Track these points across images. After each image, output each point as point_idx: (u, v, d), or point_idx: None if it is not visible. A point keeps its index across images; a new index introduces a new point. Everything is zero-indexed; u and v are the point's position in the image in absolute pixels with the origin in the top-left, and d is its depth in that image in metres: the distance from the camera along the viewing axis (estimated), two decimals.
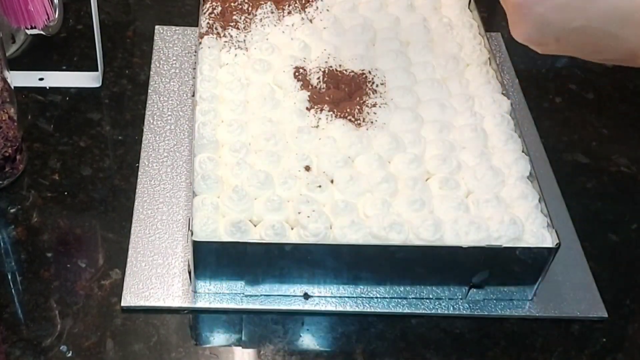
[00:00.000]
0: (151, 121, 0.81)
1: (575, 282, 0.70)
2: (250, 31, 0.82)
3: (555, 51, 0.57)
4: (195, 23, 0.89)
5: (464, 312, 0.67)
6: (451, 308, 0.67)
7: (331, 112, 0.74)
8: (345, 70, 0.78)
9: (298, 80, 0.77)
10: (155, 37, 0.91)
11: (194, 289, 0.66)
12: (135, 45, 0.91)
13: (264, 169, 0.68)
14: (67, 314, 0.64)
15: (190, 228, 0.62)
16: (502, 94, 0.78)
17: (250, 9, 0.84)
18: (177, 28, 0.92)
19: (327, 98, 0.75)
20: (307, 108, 0.74)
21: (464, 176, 0.70)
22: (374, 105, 0.75)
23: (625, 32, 0.51)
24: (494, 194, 0.68)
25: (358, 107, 0.74)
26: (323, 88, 0.76)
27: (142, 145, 0.78)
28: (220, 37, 0.81)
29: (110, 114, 0.83)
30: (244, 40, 0.81)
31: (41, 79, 0.85)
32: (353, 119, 0.73)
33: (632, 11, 0.50)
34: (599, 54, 0.56)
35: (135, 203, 0.72)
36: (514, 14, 0.55)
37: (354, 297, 0.67)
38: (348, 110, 0.74)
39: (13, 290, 0.66)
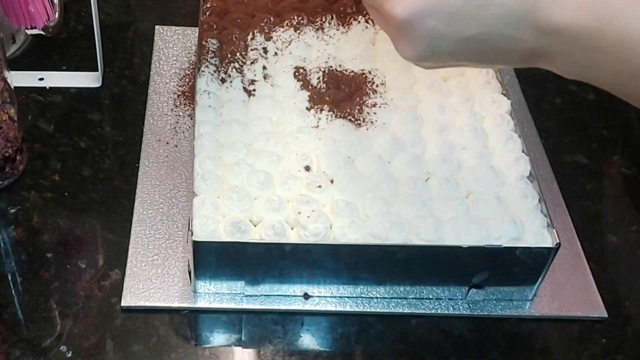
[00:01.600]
0: (151, 121, 0.81)
1: (575, 283, 0.70)
2: (250, 31, 0.82)
3: (449, 65, 0.53)
4: (195, 23, 0.89)
5: (464, 312, 0.67)
6: (451, 308, 0.67)
7: (331, 112, 0.74)
8: (345, 70, 0.78)
9: (298, 80, 0.77)
10: (155, 37, 0.91)
11: (194, 289, 0.66)
12: (135, 45, 0.91)
13: (264, 169, 0.68)
14: (67, 315, 0.64)
15: (190, 228, 0.62)
16: (502, 94, 0.78)
17: (251, 10, 0.84)
18: (177, 28, 0.92)
19: (327, 98, 0.75)
20: (307, 108, 0.74)
21: (464, 176, 0.70)
22: (374, 105, 0.75)
23: (522, 33, 0.49)
24: (494, 194, 0.68)
25: (358, 107, 0.74)
26: (323, 88, 0.76)
27: (142, 145, 0.78)
28: (220, 36, 0.81)
29: (110, 114, 0.83)
30: (244, 40, 0.81)
31: (41, 79, 0.85)
32: (353, 119, 0.73)
33: (527, 11, 0.48)
34: (497, 60, 0.52)
35: (135, 203, 0.72)
36: (399, 31, 0.51)
37: (354, 297, 0.67)
38: (348, 110, 0.74)
39: (13, 291, 0.66)
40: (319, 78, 0.77)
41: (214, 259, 0.63)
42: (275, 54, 0.79)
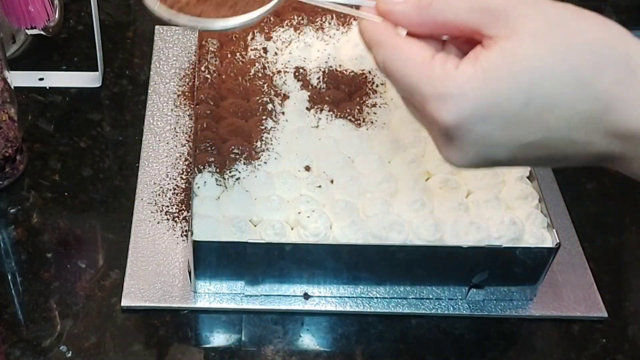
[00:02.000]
0: (151, 121, 0.81)
1: (575, 283, 0.70)
2: (250, 31, 0.82)
3: (504, 166, 0.47)
4: None
5: (464, 312, 0.67)
6: (451, 308, 0.67)
7: (331, 112, 0.74)
8: (345, 70, 0.78)
9: (298, 80, 0.77)
10: (155, 38, 0.91)
11: (194, 289, 0.66)
12: (135, 45, 0.91)
13: (264, 169, 0.68)
14: (67, 315, 0.64)
15: (190, 228, 0.62)
16: None
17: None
18: (177, 28, 0.92)
19: (327, 98, 0.75)
20: (307, 108, 0.74)
21: (464, 176, 0.70)
22: (374, 105, 0.75)
23: (592, 137, 0.42)
24: (494, 194, 0.68)
25: (358, 107, 0.74)
26: (323, 88, 0.76)
27: (142, 145, 0.78)
28: (220, 36, 0.81)
29: (110, 114, 0.83)
30: (244, 40, 0.81)
31: (41, 79, 0.85)
32: (353, 119, 0.73)
33: (598, 114, 0.41)
34: (560, 164, 0.46)
35: (135, 203, 0.72)
36: (445, 137, 0.44)
37: (354, 297, 0.67)
38: (348, 110, 0.74)
39: (13, 291, 0.66)
40: (319, 78, 0.77)
41: (214, 259, 0.63)
42: (275, 54, 0.79)
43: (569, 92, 0.41)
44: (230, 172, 0.68)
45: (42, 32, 0.84)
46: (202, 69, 0.77)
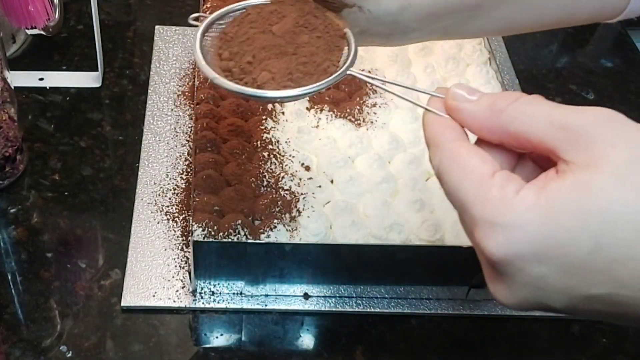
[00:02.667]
0: (151, 121, 0.81)
1: None
2: None
3: (562, 314, 0.40)
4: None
5: (464, 312, 0.67)
6: (451, 308, 0.67)
7: (331, 112, 0.74)
8: None
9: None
10: (155, 37, 0.91)
11: (194, 289, 0.66)
12: (135, 45, 0.91)
13: (264, 169, 0.68)
14: (67, 314, 0.64)
15: (190, 228, 0.62)
16: None
17: None
18: (177, 28, 0.92)
19: (327, 98, 0.75)
20: (307, 108, 0.74)
21: None
22: (374, 105, 0.75)
23: None
24: None
25: (358, 107, 0.74)
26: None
27: (142, 145, 0.78)
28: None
29: (110, 114, 0.83)
30: None
31: (41, 79, 0.85)
32: (353, 119, 0.73)
33: None
34: (633, 324, 0.39)
35: (135, 203, 0.72)
36: (493, 270, 0.39)
37: (354, 297, 0.67)
38: (348, 110, 0.74)
39: (13, 291, 0.66)
40: None
41: (214, 259, 0.63)
42: None
43: None
44: (230, 172, 0.68)
45: (42, 32, 0.84)
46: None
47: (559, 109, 0.37)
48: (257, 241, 0.62)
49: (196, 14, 0.53)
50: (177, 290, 0.66)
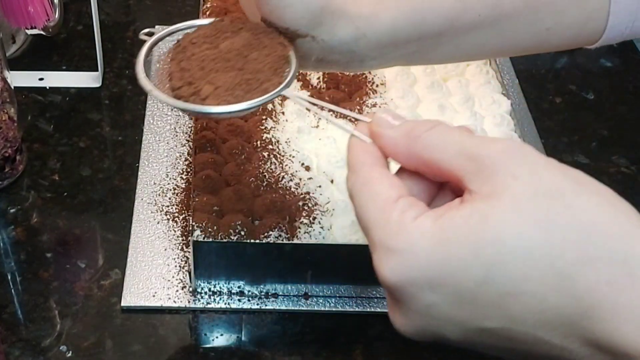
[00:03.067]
0: (151, 121, 0.81)
1: None
2: None
3: (458, 346, 0.40)
4: None
5: None
6: None
7: (331, 112, 0.74)
8: None
9: (298, 80, 0.76)
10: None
11: (194, 289, 0.66)
12: (135, 45, 0.91)
13: (264, 169, 0.68)
14: (67, 314, 0.64)
15: (190, 228, 0.62)
16: (502, 94, 0.78)
17: None
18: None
19: (327, 98, 0.75)
20: (307, 108, 0.74)
21: None
22: (374, 105, 0.75)
23: (570, 342, 0.34)
24: None
25: (358, 107, 0.74)
26: (323, 88, 0.76)
27: (142, 145, 0.78)
28: None
29: (110, 114, 0.83)
30: None
31: (41, 79, 0.85)
32: (353, 119, 0.73)
33: (578, 316, 0.33)
34: (520, 357, 0.37)
35: (135, 203, 0.72)
36: (389, 295, 0.39)
37: (354, 297, 0.67)
38: (348, 110, 0.74)
39: (12, 291, 0.66)
40: (318, 78, 0.77)
41: (214, 259, 0.63)
42: None
43: (541, 281, 0.33)
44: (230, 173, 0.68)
45: (42, 32, 0.84)
46: None
47: (472, 139, 0.37)
48: (257, 241, 0.62)
49: (148, 29, 0.54)
50: (177, 290, 0.66)
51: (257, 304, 0.66)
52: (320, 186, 0.67)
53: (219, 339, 0.64)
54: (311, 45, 0.50)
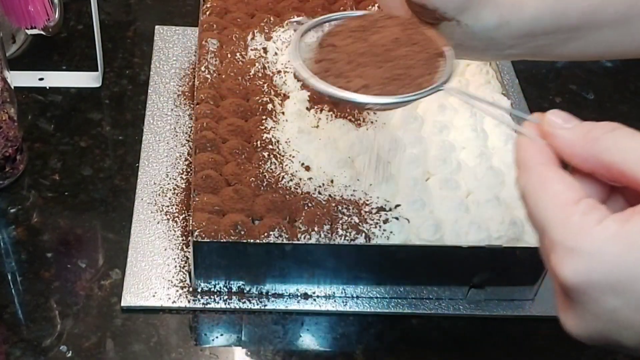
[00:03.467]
0: (151, 121, 0.81)
1: None
2: (250, 31, 0.82)
3: (633, 354, 0.38)
4: (195, 23, 0.89)
5: (465, 312, 0.67)
6: (451, 308, 0.67)
7: (331, 112, 0.74)
8: None
9: (298, 81, 0.77)
10: (155, 37, 0.91)
11: (194, 289, 0.66)
12: (135, 45, 0.91)
13: (264, 169, 0.68)
14: (67, 314, 0.64)
15: (190, 228, 0.62)
16: (502, 94, 0.78)
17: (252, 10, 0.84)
18: (177, 28, 0.92)
19: (327, 98, 0.75)
20: (307, 108, 0.74)
21: (464, 176, 0.70)
22: None
23: None
24: (494, 194, 0.68)
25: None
26: None
27: (142, 145, 0.78)
28: (220, 36, 0.81)
29: (110, 114, 0.83)
30: (244, 40, 0.81)
31: (41, 79, 0.85)
32: (353, 119, 0.73)
33: None
34: None
35: (135, 203, 0.72)
36: (565, 296, 0.37)
37: (354, 297, 0.67)
38: (348, 110, 0.74)
39: (13, 291, 0.66)
40: None
41: (214, 259, 0.63)
42: (275, 54, 0.79)
43: None
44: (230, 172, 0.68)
45: (42, 32, 0.84)
46: (202, 68, 0.77)
47: None
48: (257, 241, 0.62)
49: (297, 18, 0.55)
50: (177, 290, 0.66)
51: (257, 304, 0.66)
52: (320, 186, 0.67)
53: (219, 339, 0.64)
54: (453, 29, 0.51)
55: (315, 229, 0.63)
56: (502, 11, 0.50)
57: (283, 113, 0.74)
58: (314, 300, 0.66)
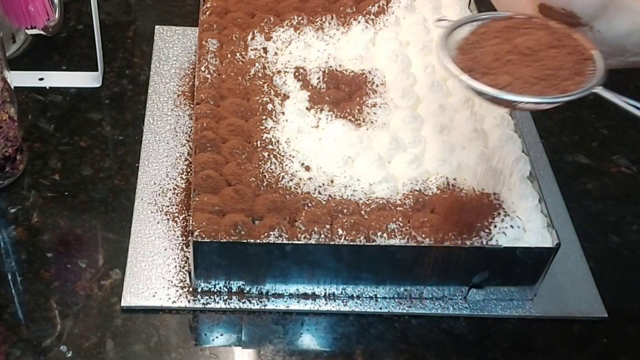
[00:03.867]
0: (151, 121, 0.81)
1: (576, 283, 0.70)
2: (250, 31, 0.82)
3: None
4: (195, 23, 0.89)
5: (465, 312, 0.67)
6: (451, 308, 0.67)
7: (331, 112, 0.74)
8: (345, 70, 0.78)
9: (298, 81, 0.77)
10: (155, 37, 0.91)
11: (194, 289, 0.66)
12: (135, 45, 0.91)
13: (264, 169, 0.68)
14: (67, 314, 0.64)
15: (190, 228, 0.62)
16: None
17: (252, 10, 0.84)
18: (177, 28, 0.92)
19: (327, 98, 0.75)
20: (307, 108, 0.74)
21: (464, 176, 0.70)
22: (374, 105, 0.75)
23: None
24: (494, 194, 0.68)
25: (358, 107, 0.74)
26: (323, 88, 0.76)
27: (142, 145, 0.78)
28: (220, 36, 0.81)
29: (110, 114, 0.83)
30: (244, 40, 0.81)
31: (41, 79, 0.85)
32: (353, 119, 0.73)
33: None
34: None
35: (135, 203, 0.72)
36: None
37: (354, 297, 0.67)
38: (348, 110, 0.74)
39: (13, 291, 0.66)
40: (319, 78, 0.77)
41: (214, 259, 0.63)
42: (275, 54, 0.79)
43: None
44: (230, 172, 0.68)
45: (42, 32, 0.84)
46: (202, 69, 0.77)
47: None
48: (257, 241, 0.62)
49: (441, 17, 0.56)
50: (177, 290, 0.66)
51: (257, 304, 0.66)
52: (320, 186, 0.67)
53: (219, 339, 0.64)
54: (584, 34, 0.52)
55: (315, 229, 0.63)
56: (635, 18, 0.51)
57: (283, 113, 0.74)
58: (314, 300, 0.66)
